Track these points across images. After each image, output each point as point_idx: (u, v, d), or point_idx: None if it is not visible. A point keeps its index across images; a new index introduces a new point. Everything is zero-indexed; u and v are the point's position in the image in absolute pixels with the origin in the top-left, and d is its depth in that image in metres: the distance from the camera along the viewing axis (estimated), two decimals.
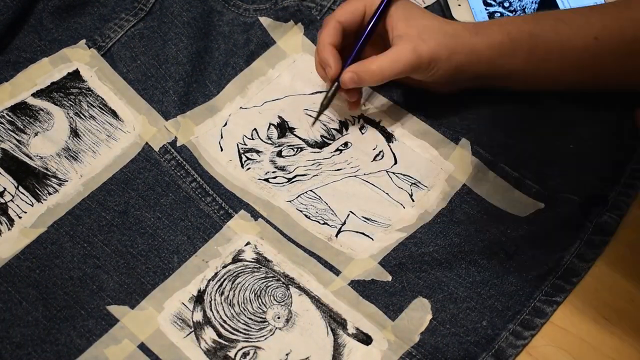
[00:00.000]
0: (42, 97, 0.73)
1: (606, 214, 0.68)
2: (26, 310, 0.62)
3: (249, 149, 0.72)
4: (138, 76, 0.75)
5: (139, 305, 0.63)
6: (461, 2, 0.80)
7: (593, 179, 0.70)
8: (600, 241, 0.67)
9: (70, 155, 0.70)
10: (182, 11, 0.78)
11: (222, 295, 0.64)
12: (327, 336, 0.62)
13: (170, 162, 0.70)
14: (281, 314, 0.63)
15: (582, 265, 0.66)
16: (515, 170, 0.70)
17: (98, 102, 0.73)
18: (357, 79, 0.68)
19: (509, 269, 0.65)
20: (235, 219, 0.68)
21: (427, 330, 0.62)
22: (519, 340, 0.62)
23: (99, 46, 0.76)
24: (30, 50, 0.75)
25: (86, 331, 0.61)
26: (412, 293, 0.64)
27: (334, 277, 0.65)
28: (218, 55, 0.77)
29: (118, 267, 0.65)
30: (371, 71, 0.67)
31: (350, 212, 0.69)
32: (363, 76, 0.68)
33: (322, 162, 0.72)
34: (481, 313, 0.63)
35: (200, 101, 0.74)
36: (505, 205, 0.69)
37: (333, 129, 0.73)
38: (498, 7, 0.81)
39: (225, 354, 0.61)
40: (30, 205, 0.67)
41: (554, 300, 0.64)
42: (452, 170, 0.71)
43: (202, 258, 0.65)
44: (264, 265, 0.65)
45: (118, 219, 0.67)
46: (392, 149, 0.72)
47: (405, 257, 0.66)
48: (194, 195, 0.69)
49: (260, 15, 0.79)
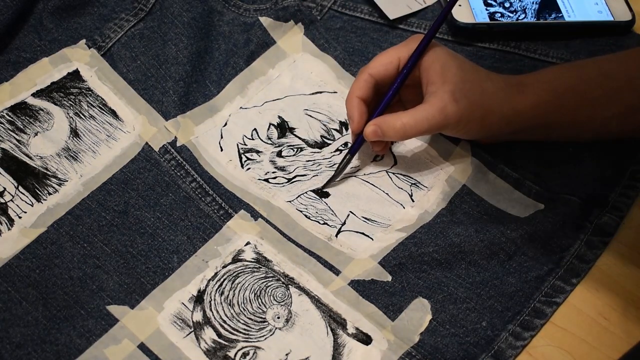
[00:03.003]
0: (42, 97, 0.73)
1: (606, 215, 0.68)
2: (26, 310, 0.62)
3: (249, 149, 0.72)
4: (138, 76, 0.75)
5: (139, 305, 0.63)
6: (462, 3, 0.80)
7: (593, 179, 0.70)
8: (600, 242, 0.67)
9: (70, 155, 0.70)
10: (182, 11, 0.78)
11: (222, 295, 0.64)
12: (327, 336, 0.62)
13: (170, 162, 0.70)
14: (281, 314, 0.63)
15: (582, 266, 0.66)
16: (515, 170, 0.70)
17: (98, 102, 0.73)
18: (381, 134, 0.67)
19: (508, 270, 0.65)
20: (235, 219, 0.68)
21: (426, 331, 0.62)
22: (519, 341, 0.62)
23: (99, 46, 0.76)
24: (30, 50, 0.75)
25: (86, 331, 0.61)
26: (412, 293, 0.64)
27: (334, 277, 0.65)
28: (218, 55, 0.77)
29: (118, 267, 0.65)
30: (395, 129, 0.66)
31: (350, 212, 0.69)
32: (386, 131, 0.66)
33: (322, 162, 0.72)
34: (481, 314, 0.63)
35: (200, 101, 0.74)
36: (505, 206, 0.69)
37: (333, 129, 0.73)
38: (498, 7, 0.81)
39: (225, 354, 0.61)
40: (30, 205, 0.67)
41: (553, 301, 0.64)
42: (452, 170, 0.71)
43: (202, 258, 0.65)
44: (264, 265, 0.65)
45: (118, 219, 0.67)
46: (392, 149, 0.72)
47: (405, 257, 0.66)
48: (193, 195, 0.69)
49: (261, 15, 0.79)
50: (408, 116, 0.66)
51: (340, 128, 0.73)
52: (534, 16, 0.81)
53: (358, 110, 0.68)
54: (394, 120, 0.66)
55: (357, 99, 0.68)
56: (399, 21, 0.81)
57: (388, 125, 0.66)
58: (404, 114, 0.66)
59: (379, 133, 0.67)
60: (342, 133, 0.73)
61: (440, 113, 0.65)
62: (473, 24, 0.79)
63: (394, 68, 0.69)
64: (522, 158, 0.71)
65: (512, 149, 0.71)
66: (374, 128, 0.67)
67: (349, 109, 0.69)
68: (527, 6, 0.81)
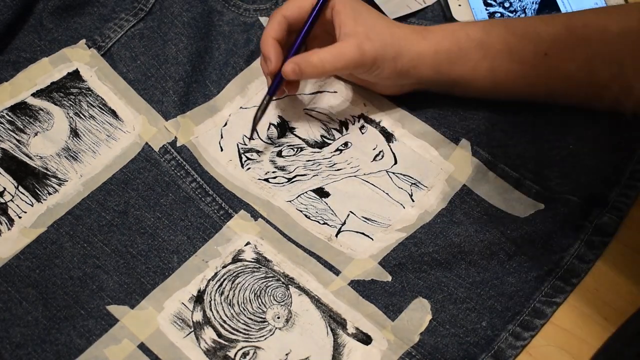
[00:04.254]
0: (42, 97, 0.73)
1: (606, 215, 0.68)
2: (26, 310, 0.62)
3: (249, 149, 0.72)
4: (138, 76, 0.75)
5: (139, 305, 0.63)
6: (461, 2, 0.80)
7: (593, 179, 0.70)
8: (600, 242, 0.67)
9: (70, 155, 0.70)
10: (182, 11, 0.78)
11: (222, 295, 0.64)
12: (327, 336, 0.62)
13: (170, 162, 0.70)
14: (281, 314, 0.63)
15: (582, 266, 0.66)
16: (515, 170, 0.70)
17: (98, 102, 0.73)
18: (299, 71, 0.67)
19: (508, 270, 0.65)
20: (235, 219, 0.68)
21: (426, 331, 0.62)
22: (519, 341, 0.62)
23: (99, 46, 0.76)
24: (30, 50, 0.75)
25: (86, 331, 0.61)
26: (412, 293, 0.64)
27: (334, 277, 0.65)
28: (218, 55, 0.77)
29: (118, 267, 0.65)
30: (313, 63, 0.67)
31: (350, 212, 0.69)
32: (304, 68, 0.67)
33: (322, 162, 0.72)
34: (481, 314, 0.63)
35: (200, 101, 0.74)
36: (505, 206, 0.69)
37: (333, 128, 0.73)
38: (498, 7, 0.81)
39: (225, 354, 0.61)
40: (30, 205, 0.67)
41: (553, 301, 0.64)
42: (452, 170, 0.71)
43: (202, 258, 0.65)
44: (264, 265, 0.65)
45: (118, 219, 0.67)
46: (392, 149, 0.72)
47: (405, 257, 0.66)
48: (193, 195, 0.69)
49: (261, 15, 0.79)
50: (325, 52, 0.67)
51: (341, 128, 0.73)
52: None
53: (274, 50, 0.68)
54: (311, 56, 0.67)
55: (272, 40, 0.69)
56: (399, 21, 0.80)
57: (306, 62, 0.67)
58: (321, 50, 0.67)
59: (297, 71, 0.67)
60: (342, 133, 0.73)
61: (357, 49, 0.67)
62: None
63: (307, 10, 0.70)
64: (522, 158, 0.71)
65: (512, 149, 0.71)
66: (292, 66, 0.67)
67: (265, 49, 0.69)
68: (527, 6, 0.81)
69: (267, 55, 0.69)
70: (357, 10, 0.69)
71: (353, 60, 0.67)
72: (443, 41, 0.69)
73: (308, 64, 0.67)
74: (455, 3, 0.80)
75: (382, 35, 0.68)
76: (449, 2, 0.80)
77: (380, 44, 0.67)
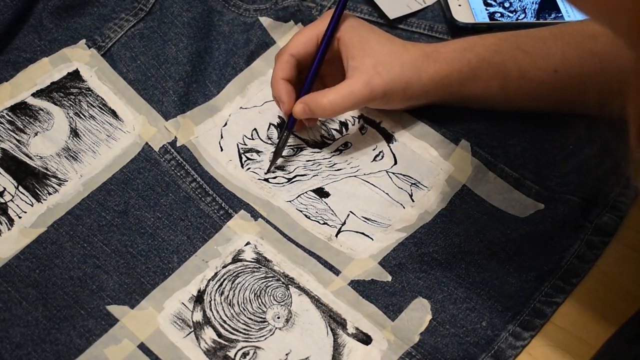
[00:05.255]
0: (42, 97, 0.73)
1: (606, 215, 0.68)
2: (26, 310, 0.62)
3: (249, 149, 0.72)
4: (138, 76, 0.75)
5: (139, 305, 0.63)
6: (461, 2, 0.80)
7: (593, 179, 0.70)
8: (600, 242, 0.67)
9: (70, 155, 0.70)
10: (182, 11, 0.78)
11: (222, 295, 0.64)
12: (327, 336, 0.62)
13: (170, 162, 0.70)
14: (281, 314, 0.63)
15: (582, 266, 0.66)
16: (515, 170, 0.70)
17: (98, 102, 0.73)
18: (309, 111, 0.68)
19: (508, 270, 0.65)
20: (235, 219, 0.68)
21: (426, 331, 0.62)
22: (519, 341, 0.62)
23: (99, 46, 0.76)
24: (30, 50, 0.75)
25: (86, 331, 0.61)
26: (412, 293, 0.64)
27: (334, 277, 0.65)
28: (218, 55, 0.77)
29: (118, 267, 0.65)
30: (322, 105, 0.67)
31: (350, 212, 0.69)
32: (314, 109, 0.68)
33: (322, 162, 0.72)
34: (481, 314, 0.63)
35: (200, 101, 0.74)
36: (505, 206, 0.69)
37: (333, 129, 0.73)
38: (498, 7, 0.81)
39: (225, 354, 0.61)
40: (30, 205, 0.67)
41: (553, 301, 0.64)
42: (452, 170, 0.71)
43: (202, 258, 0.65)
44: (264, 265, 0.65)
45: (118, 219, 0.67)
46: (392, 149, 0.72)
47: (405, 257, 0.66)
48: (193, 195, 0.69)
49: (261, 15, 0.79)
50: (334, 93, 0.67)
51: (340, 128, 0.73)
52: (533, 16, 0.81)
53: (285, 91, 0.69)
54: (321, 98, 0.67)
55: (282, 81, 0.69)
56: (399, 21, 0.80)
57: (316, 103, 0.67)
58: (330, 91, 0.67)
59: (307, 111, 0.68)
60: (342, 133, 0.73)
61: (366, 87, 0.66)
62: (473, 24, 0.79)
63: (313, 45, 0.69)
64: (522, 158, 0.71)
65: (512, 149, 0.71)
66: (302, 106, 0.68)
67: (276, 92, 0.69)
68: (527, 6, 0.81)
69: (279, 97, 0.69)
70: (364, 40, 0.68)
71: (363, 98, 0.67)
72: (453, 63, 0.68)
73: (317, 106, 0.67)
74: (455, 3, 0.80)
75: (391, 67, 0.67)
76: (449, 2, 0.80)
77: (390, 77, 0.67)
